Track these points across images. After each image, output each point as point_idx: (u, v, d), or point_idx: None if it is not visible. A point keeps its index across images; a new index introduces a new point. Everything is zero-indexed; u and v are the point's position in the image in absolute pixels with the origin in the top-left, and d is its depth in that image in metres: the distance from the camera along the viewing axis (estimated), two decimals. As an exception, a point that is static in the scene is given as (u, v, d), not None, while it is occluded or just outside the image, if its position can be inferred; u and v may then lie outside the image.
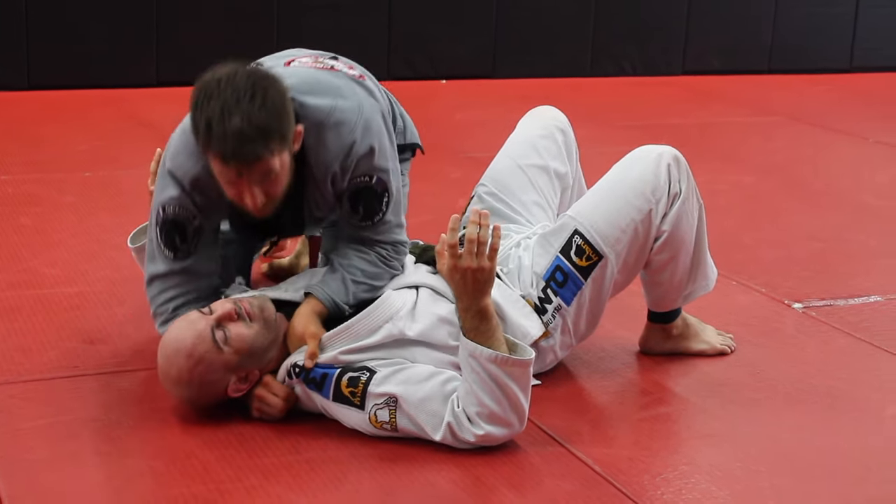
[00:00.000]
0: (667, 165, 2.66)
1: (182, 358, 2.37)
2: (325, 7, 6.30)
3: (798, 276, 3.55)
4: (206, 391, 2.41)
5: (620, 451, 2.44)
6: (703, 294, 2.87)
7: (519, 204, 2.87)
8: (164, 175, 2.50)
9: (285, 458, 2.34)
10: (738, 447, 2.48)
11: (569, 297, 2.65)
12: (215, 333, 2.37)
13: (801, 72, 7.31)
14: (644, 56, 7.01)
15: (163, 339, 2.43)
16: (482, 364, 2.31)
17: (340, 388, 2.38)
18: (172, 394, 2.45)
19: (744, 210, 4.32)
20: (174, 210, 2.47)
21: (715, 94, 6.69)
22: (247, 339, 2.39)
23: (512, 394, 2.33)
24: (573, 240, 2.64)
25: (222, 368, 2.38)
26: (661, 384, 2.79)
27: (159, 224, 2.50)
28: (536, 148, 2.93)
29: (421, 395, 2.35)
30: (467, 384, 2.34)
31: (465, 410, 2.34)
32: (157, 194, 2.51)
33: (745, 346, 3.00)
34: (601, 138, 2.92)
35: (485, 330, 2.33)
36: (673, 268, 2.74)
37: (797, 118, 6.09)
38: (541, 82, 6.62)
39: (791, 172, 4.92)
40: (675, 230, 2.68)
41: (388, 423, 2.37)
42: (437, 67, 6.58)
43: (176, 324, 2.43)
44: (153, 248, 2.54)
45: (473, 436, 2.34)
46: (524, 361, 2.33)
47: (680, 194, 2.67)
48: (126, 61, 5.98)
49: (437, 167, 3.05)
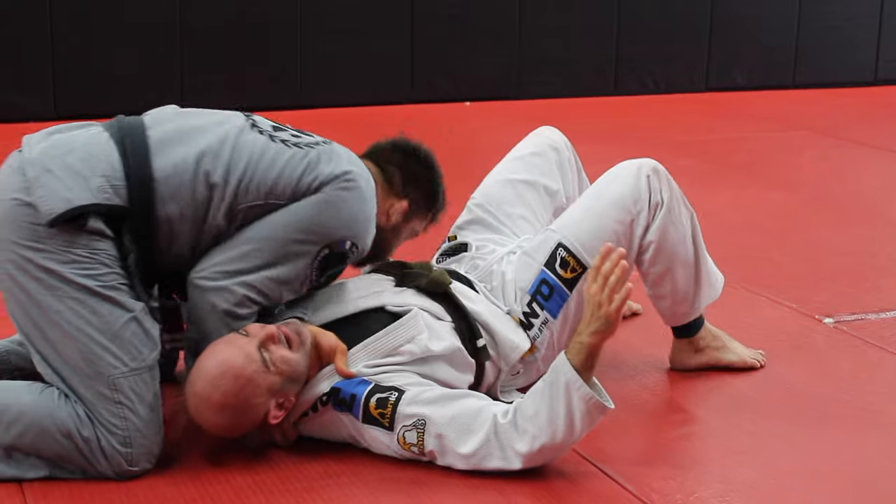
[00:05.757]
0: (646, 176, 2.72)
1: (229, 379, 2.30)
2: (348, 32, 6.33)
3: (828, 291, 3.53)
4: (247, 416, 2.35)
5: (654, 470, 2.42)
6: (713, 300, 2.88)
7: (505, 216, 2.92)
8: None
9: (319, 481, 2.34)
10: (772, 464, 2.46)
11: (555, 310, 2.68)
12: (262, 354, 2.35)
13: (825, 86, 7.28)
14: (667, 73, 7.00)
15: (202, 363, 2.33)
16: (571, 396, 2.29)
17: (369, 410, 2.37)
18: (209, 422, 2.36)
19: (771, 225, 4.30)
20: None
21: (739, 109, 6.67)
22: (290, 362, 2.36)
23: (577, 434, 2.32)
24: (557, 252, 2.68)
25: (266, 392, 2.34)
26: (692, 401, 2.78)
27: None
28: (527, 164, 2.99)
29: (451, 414, 2.35)
30: (538, 407, 2.32)
31: (518, 425, 2.32)
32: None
33: (775, 362, 2.98)
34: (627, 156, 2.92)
35: (590, 366, 2.32)
36: (672, 279, 2.78)
37: (823, 132, 6.06)
38: (564, 102, 6.62)
39: (818, 187, 4.90)
40: (663, 240, 2.73)
41: (415, 446, 2.36)
42: (460, 90, 6.60)
43: (215, 347, 2.35)
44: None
45: (518, 454, 2.32)
46: (608, 410, 2.33)
47: (662, 204, 2.72)
48: (152, 90, 6.02)
49: (464, 188, 3.06)
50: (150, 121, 2.45)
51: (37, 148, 2.37)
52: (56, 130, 2.44)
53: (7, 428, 2.26)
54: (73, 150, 2.36)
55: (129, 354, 2.31)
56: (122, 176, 2.33)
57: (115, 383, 2.30)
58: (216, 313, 2.38)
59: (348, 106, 6.29)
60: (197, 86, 6.07)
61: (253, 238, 2.39)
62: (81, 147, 2.37)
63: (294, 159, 2.42)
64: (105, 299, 2.30)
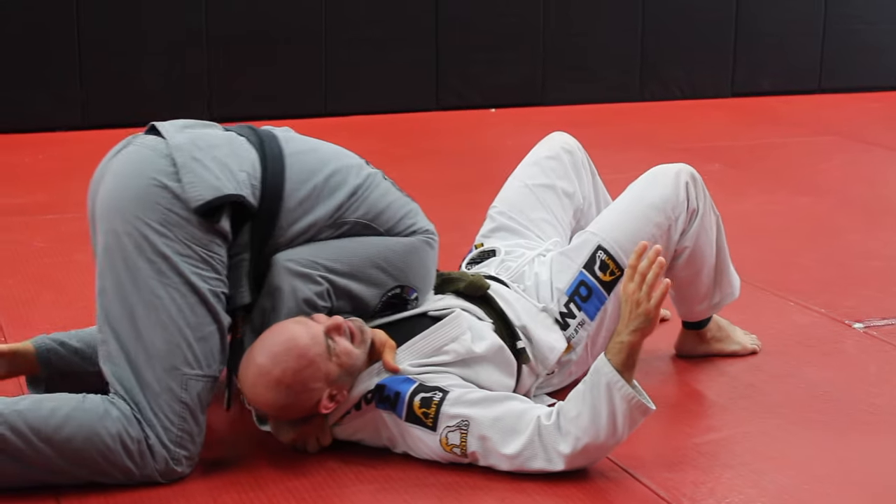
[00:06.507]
0: (685, 183, 2.75)
1: (293, 357, 2.32)
2: (373, 40, 6.35)
3: (858, 296, 3.52)
4: (301, 399, 2.36)
5: (684, 475, 2.42)
6: (731, 301, 2.96)
7: (528, 221, 2.95)
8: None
9: (351, 487, 2.35)
10: (803, 470, 2.46)
11: (592, 312, 2.70)
12: (328, 341, 2.37)
13: (851, 90, 7.25)
14: (692, 79, 7.00)
15: (267, 338, 2.35)
16: (613, 396, 2.30)
17: (413, 408, 2.38)
18: (262, 398, 2.36)
19: (800, 230, 4.29)
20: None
21: (765, 114, 6.65)
22: (351, 356, 2.38)
23: (619, 435, 2.33)
24: (597, 255, 2.70)
25: (324, 378, 2.36)
26: (720, 406, 2.78)
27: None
28: (543, 169, 3.02)
29: (494, 415, 2.35)
30: (580, 409, 2.33)
31: (561, 427, 2.32)
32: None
33: (805, 367, 2.98)
34: (655, 161, 2.94)
35: (630, 365, 2.33)
36: (698, 281, 2.85)
37: (851, 137, 6.04)
38: (590, 108, 6.62)
39: (847, 192, 4.88)
40: (695, 246, 2.79)
41: (458, 447, 2.37)
42: (485, 96, 6.61)
43: (283, 324, 2.37)
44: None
45: (561, 455, 2.32)
46: (650, 411, 2.34)
47: (698, 211, 2.77)
48: (179, 100, 6.06)
49: (491, 196, 3.07)
50: (279, 133, 2.54)
51: (181, 136, 2.43)
52: (188, 125, 2.49)
53: (56, 430, 2.27)
54: (218, 144, 2.43)
55: (206, 361, 2.35)
56: (260, 178, 2.41)
57: (186, 383, 2.33)
58: (295, 298, 2.42)
59: (373, 113, 6.31)
60: (223, 95, 6.10)
61: (347, 247, 2.47)
62: (226, 143, 2.44)
63: (401, 200, 2.56)
64: (205, 303, 2.34)
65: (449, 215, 2.82)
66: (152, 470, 2.32)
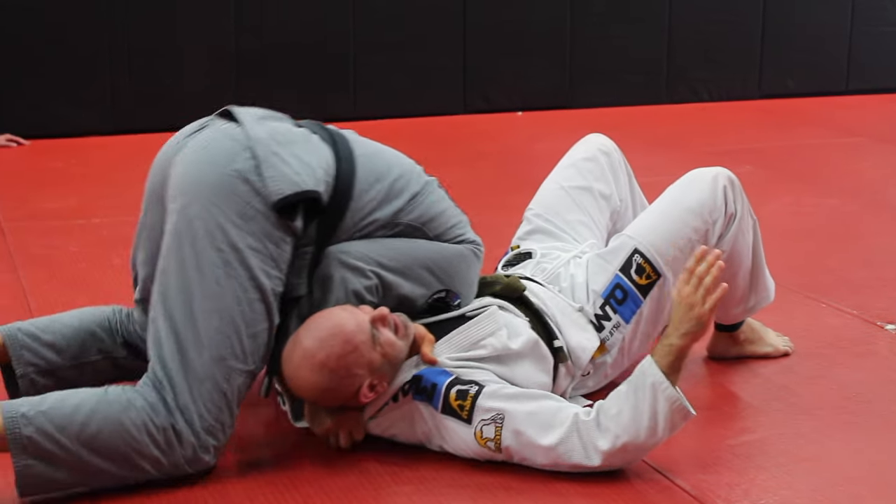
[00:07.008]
0: (723, 187, 2.74)
1: (338, 342, 2.34)
2: (400, 43, 6.37)
3: (889, 297, 3.51)
4: (343, 385, 2.38)
5: (719, 477, 2.43)
6: (766, 305, 2.95)
7: (564, 223, 2.94)
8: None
9: (385, 489, 2.36)
10: (837, 472, 2.46)
11: (628, 316, 2.70)
12: (373, 329, 2.39)
13: (878, 91, 7.22)
14: (719, 80, 6.98)
15: (314, 323, 2.38)
16: (657, 397, 2.32)
17: (449, 400, 2.39)
18: (304, 381, 2.38)
19: (829, 232, 4.28)
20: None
21: (793, 116, 6.64)
22: (395, 347, 2.41)
23: (658, 437, 2.34)
24: (633, 258, 2.69)
25: (367, 366, 2.38)
26: (753, 408, 2.78)
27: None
28: (580, 170, 3.01)
29: (529, 410, 2.37)
30: (621, 407, 2.34)
31: (600, 423, 2.33)
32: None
33: (837, 369, 2.97)
34: (684, 164, 2.95)
35: (676, 368, 2.35)
36: (734, 285, 2.81)
37: (879, 138, 6.02)
38: (617, 111, 6.62)
39: (877, 193, 4.87)
40: (733, 250, 2.78)
41: (492, 441, 2.38)
42: (512, 99, 6.62)
43: (330, 310, 2.40)
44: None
45: (599, 451, 2.33)
46: (691, 416, 2.35)
47: (736, 215, 2.76)
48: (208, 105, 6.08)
49: (520, 198, 3.08)
50: (347, 134, 2.58)
51: (260, 128, 2.46)
52: (264, 116, 2.54)
53: (83, 427, 2.29)
54: (296, 141, 2.46)
55: (253, 357, 2.37)
56: (334, 176, 2.44)
57: (230, 375, 2.34)
58: (345, 289, 2.44)
59: (402, 117, 6.33)
60: (253, 101, 6.11)
61: (400, 247, 2.51)
62: (303, 140, 2.48)
63: (453, 209, 2.62)
64: (264, 301, 2.37)
65: (480, 218, 2.82)
66: (179, 457, 2.33)
